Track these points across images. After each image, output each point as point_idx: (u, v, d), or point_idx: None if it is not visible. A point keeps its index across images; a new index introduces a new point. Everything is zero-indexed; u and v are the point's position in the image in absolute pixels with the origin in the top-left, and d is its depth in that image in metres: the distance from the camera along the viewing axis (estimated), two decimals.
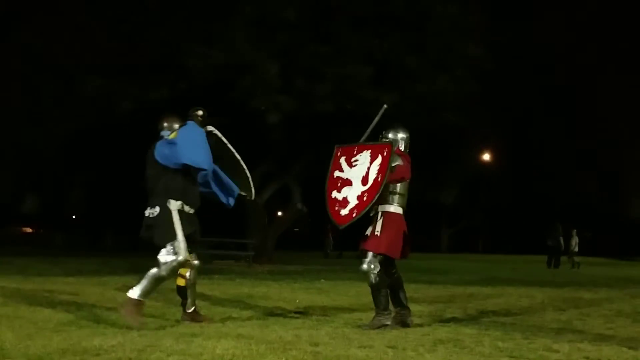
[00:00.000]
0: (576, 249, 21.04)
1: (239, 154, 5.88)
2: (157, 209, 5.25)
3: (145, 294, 5.15)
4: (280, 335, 4.86)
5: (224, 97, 13.68)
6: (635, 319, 6.42)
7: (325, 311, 6.65)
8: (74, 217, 41.55)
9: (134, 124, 15.85)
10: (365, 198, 5.34)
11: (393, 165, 5.48)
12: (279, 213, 22.32)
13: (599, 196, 35.66)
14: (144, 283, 5.13)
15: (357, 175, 5.47)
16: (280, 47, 14.08)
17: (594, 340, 4.94)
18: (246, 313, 6.32)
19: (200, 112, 5.60)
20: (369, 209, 5.39)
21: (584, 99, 32.86)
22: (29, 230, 42.33)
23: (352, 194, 5.41)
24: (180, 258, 5.16)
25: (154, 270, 5.14)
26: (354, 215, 5.33)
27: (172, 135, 5.40)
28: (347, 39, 14.19)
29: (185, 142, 5.23)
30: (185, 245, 5.18)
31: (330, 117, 15.05)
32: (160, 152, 5.32)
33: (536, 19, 29.26)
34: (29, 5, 14.39)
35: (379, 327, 5.34)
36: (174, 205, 5.25)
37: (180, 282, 5.58)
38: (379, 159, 5.42)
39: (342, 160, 5.62)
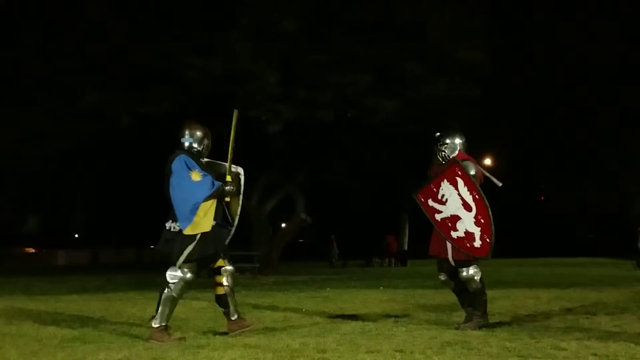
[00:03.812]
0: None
1: (241, 165, 5.83)
2: (179, 224, 5.20)
3: (166, 318, 5.14)
4: (288, 343, 4.84)
5: (224, 109, 13.69)
6: None
7: (332, 319, 6.62)
8: (76, 235, 41.55)
9: (135, 137, 15.89)
10: (482, 220, 5.40)
11: (472, 173, 5.57)
12: (283, 224, 22.26)
13: (599, 197, 35.59)
14: (161, 309, 5.13)
15: (456, 207, 5.51)
16: (280, 56, 14.12)
17: (601, 338, 4.92)
18: None
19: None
20: (493, 227, 5.41)
21: (585, 103, 32.83)
22: (32, 250, 42.30)
23: (469, 225, 5.46)
24: (188, 277, 5.16)
25: (165, 293, 5.14)
26: (488, 239, 5.39)
27: (195, 176, 5.21)
28: (346, 47, 14.22)
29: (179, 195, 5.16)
30: (192, 264, 5.15)
31: (332, 124, 15.07)
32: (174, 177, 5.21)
33: (539, 23, 29.26)
34: (27, 20, 14.44)
35: (480, 328, 5.44)
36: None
37: (219, 290, 5.51)
38: (460, 181, 5.48)
39: (431, 202, 5.65)
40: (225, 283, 5.48)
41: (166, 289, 5.14)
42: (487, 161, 31.91)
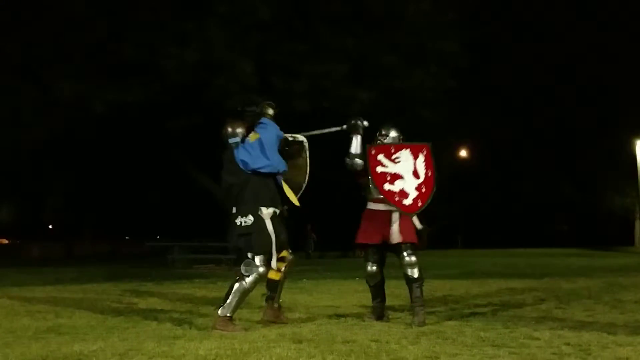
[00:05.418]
0: None
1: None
2: (251, 217, 5.18)
3: (234, 310, 5.11)
4: (264, 334, 4.84)
5: (199, 98, 13.60)
6: (613, 306, 6.51)
7: (308, 309, 6.64)
8: (50, 227, 40.94)
9: (110, 128, 15.67)
10: (424, 189, 5.46)
11: None
12: None
13: (573, 190, 36.20)
14: (231, 299, 5.07)
15: (405, 169, 5.54)
16: (255, 46, 14.04)
17: (574, 327, 5.01)
18: None
19: (271, 111, 5.63)
20: (430, 200, 5.45)
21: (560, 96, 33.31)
22: (5, 241, 41.55)
23: (408, 186, 5.49)
24: (262, 270, 5.15)
25: (237, 285, 5.10)
26: (419, 204, 5.44)
27: (253, 138, 5.34)
28: (322, 37, 14.21)
29: (264, 147, 5.29)
30: (276, 256, 5.20)
31: (308, 115, 15.05)
32: (243, 157, 5.28)
33: (514, 16, 29.55)
34: (1, 9, 14.09)
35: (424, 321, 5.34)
36: (267, 213, 5.23)
37: (275, 275, 5.47)
38: (421, 157, 5.54)
39: (381, 157, 5.64)
40: (283, 269, 5.49)
41: (239, 282, 5.10)
42: (463, 153, 32.23)
